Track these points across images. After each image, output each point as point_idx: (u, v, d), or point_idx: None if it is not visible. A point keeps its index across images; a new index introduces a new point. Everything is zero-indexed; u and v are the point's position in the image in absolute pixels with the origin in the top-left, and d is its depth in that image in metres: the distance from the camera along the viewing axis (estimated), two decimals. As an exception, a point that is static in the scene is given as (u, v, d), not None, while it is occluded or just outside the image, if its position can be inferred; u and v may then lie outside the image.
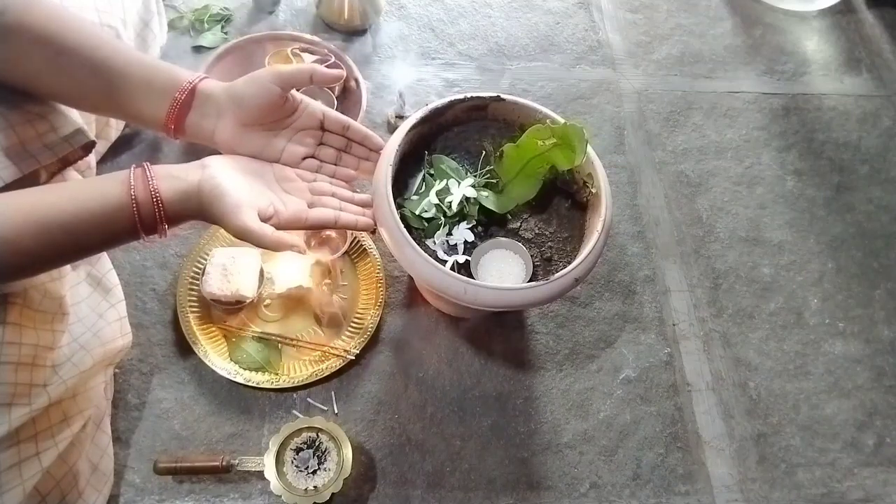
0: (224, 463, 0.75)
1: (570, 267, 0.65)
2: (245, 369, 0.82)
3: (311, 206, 0.61)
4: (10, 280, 0.53)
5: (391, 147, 0.69)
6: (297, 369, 0.83)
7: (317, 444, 0.76)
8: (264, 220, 0.56)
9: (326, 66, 0.63)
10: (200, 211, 0.55)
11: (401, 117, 1.03)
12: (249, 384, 0.80)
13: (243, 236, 0.54)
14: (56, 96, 0.58)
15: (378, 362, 0.86)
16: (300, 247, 0.56)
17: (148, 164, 0.55)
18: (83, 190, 0.53)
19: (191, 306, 0.84)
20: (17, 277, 0.53)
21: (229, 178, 0.56)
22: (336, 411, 0.83)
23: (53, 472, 0.60)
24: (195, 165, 0.57)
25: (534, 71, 1.17)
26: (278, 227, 0.56)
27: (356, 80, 1.01)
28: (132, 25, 0.79)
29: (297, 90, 0.62)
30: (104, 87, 0.57)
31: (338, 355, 0.84)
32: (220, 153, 0.61)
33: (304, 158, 0.65)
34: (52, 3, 0.57)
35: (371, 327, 0.85)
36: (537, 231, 0.75)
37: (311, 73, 0.60)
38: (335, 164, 0.66)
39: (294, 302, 0.88)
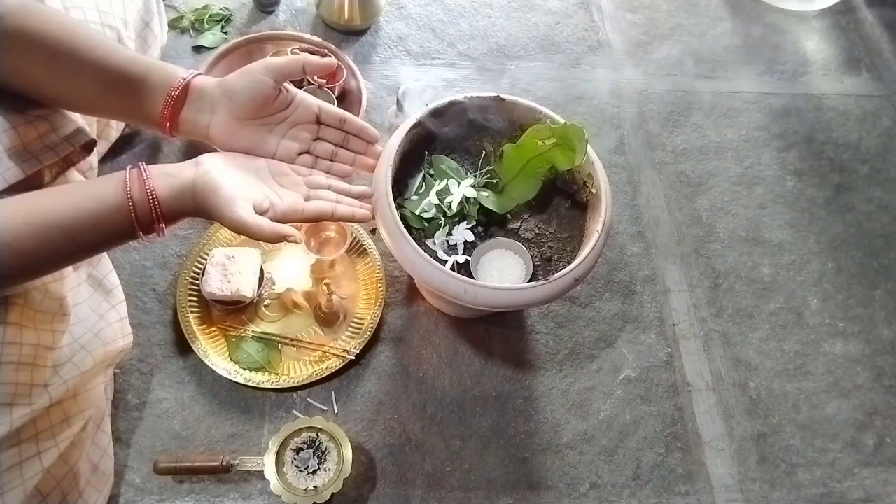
0: (224, 463, 0.75)
1: (570, 267, 0.66)
2: (245, 369, 0.82)
3: (307, 199, 0.61)
4: (13, 283, 0.53)
5: (391, 147, 0.69)
6: (297, 369, 0.83)
7: (317, 444, 0.76)
8: (260, 213, 0.56)
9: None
10: (196, 207, 0.55)
11: (401, 117, 1.03)
12: (249, 384, 0.80)
13: (239, 229, 0.54)
14: (54, 99, 0.58)
15: (378, 362, 0.86)
16: (295, 236, 0.56)
17: (143, 163, 0.55)
18: (80, 192, 0.54)
19: (191, 306, 0.84)
20: (18, 281, 0.53)
21: (223, 173, 0.56)
22: (336, 411, 0.83)
23: (54, 472, 0.60)
24: (189, 163, 0.57)
25: (534, 71, 1.17)
26: (275, 220, 0.56)
27: (356, 80, 1.02)
28: (133, 26, 0.79)
29: (291, 82, 0.62)
30: (101, 88, 0.57)
31: (338, 355, 0.84)
32: (216, 150, 0.61)
33: (300, 154, 0.64)
34: (49, 8, 0.58)
35: (371, 327, 0.85)
36: (537, 231, 0.75)
37: (302, 62, 0.60)
38: (331, 161, 0.66)
39: (294, 302, 0.88)
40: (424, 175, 0.75)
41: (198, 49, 1.08)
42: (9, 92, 0.56)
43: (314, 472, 0.75)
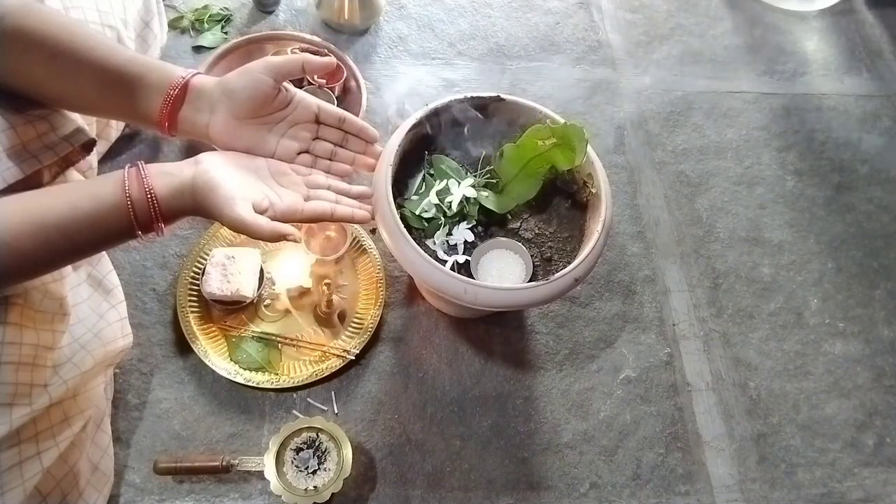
0: (224, 463, 0.75)
1: (570, 267, 0.66)
2: (245, 369, 0.82)
3: (306, 199, 0.61)
4: (12, 283, 0.53)
5: (391, 147, 0.69)
6: (297, 369, 0.83)
7: (317, 444, 0.76)
8: (259, 212, 0.56)
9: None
10: (195, 206, 0.55)
11: (401, 118, 1.03)
12: (249, 384, 0.80)
13: (238, 228, 0.54)
14: (54, 100, 0.58)
15: (378, 362, 0.86)
16: (295, 235, 0.56)
17: (142, 162, 0.55)
18: (78, 191, 0.54)
19: (191, 306, 0.84)
20: (17, 281, 0.53)
21: (222, 172, 0.56)
22: (336, 411, 0.83)
23: (54, 472, 0.60)
24: (189, 161, 0.57)
25: (534, 71, 1.17)
26: (274, 219, 0.56)
27: (356, 80, 1.02)
28: (133, 26, 0.79)
29: (291, 81, 0.62)
30: (100, 88, 0.57)
31: (338, 355, 0.84)
32: (215, 149, 0.61)
33: (299, 153, 0.64)
34: (48, 8, 0.58)
35: (371, 327, 0.85)
36: (537, 231, 0.75)
37: (302, 61, 0.60)
38: (330, 160, 0.66)
39: (294, 302, 0.88)
40: (424, 175, 0.75)
41: (198, 49, 1.08)
42: (9, 92, 0.56)
43: (314, 472, 0.75)
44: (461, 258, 0.71)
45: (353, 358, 0.84)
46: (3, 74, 0.55)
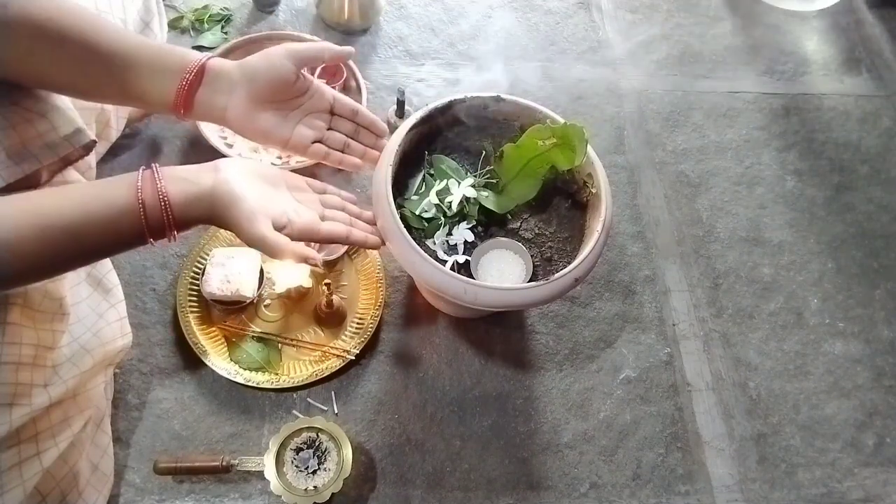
0: (224, 463, 0.75)
1: (570, 267, 0.66)
2: (245, 369, 0.82)
3: (322, 219, 0.62)
4: (14, 286, 0.53)
5: (391, 147, 0.69)
6: (297, 369, 0.83)
7: (317, 444, 0.76)
8: (277, 228, 0.55)
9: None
10: (211, 216, 0.55)
11: (401, 117, 1.03)
12: (249, 384, 0.80)
13: (258, 245, 0.54)
14: (63, 87, 0.58)
15: (378, 362, 0.86)
16: (316, 259, 0.56)
17: (157, 165, 0.54)
18: (88, 193, 0.52)
19: (191, 306, 0.84)
20: (20, 283, 0.52)
21: (244, 184, 0.55)
22: (336, 411, 0.83)
23: (54, 472, 0.60)
24: (208, 168, 0.56)
25: (534, 71, 1.17)
26: (291, 237, 0.56)
27: (356, 80, 1.02)
28: (132, 26, 0.79)
29: (310, 69, 0.63)
30: (110, 72, 0.56)
31: (338, 355, 0.84)
32: (231, 131, 0.61)
33: (313, 143, 0.65)
34: None
35: (371, 327, 0.85)
36: (537, 231, 0.75)
37: (325, 50, 0.61)
38: (342, 152, 0.67)
39: (294, 302, 0.88)
40: (424, 175, 0.75)
41: (198, 49, 1.08)
42: (16, 83, 0.55)
43: (314, 472, 0.75)
44: (461, 258, 0.71)
45: (353, 358, 0.84)
46: (11, 64, 0.54)
